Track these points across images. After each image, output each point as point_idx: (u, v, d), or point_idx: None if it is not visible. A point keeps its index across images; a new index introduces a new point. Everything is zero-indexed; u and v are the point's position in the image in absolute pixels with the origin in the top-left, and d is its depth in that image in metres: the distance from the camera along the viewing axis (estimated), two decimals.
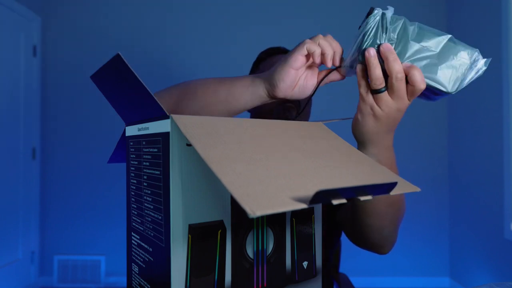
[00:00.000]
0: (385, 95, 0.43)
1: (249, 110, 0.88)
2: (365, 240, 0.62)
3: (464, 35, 2.38)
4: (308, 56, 0.47)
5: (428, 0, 2.58)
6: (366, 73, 0.44)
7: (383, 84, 0.42)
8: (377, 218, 0.55)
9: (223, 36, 2.58)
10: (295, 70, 0.48)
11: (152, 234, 0.32)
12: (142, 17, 2.58)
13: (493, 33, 2.09)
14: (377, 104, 0.44)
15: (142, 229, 0.34)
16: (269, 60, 0.82)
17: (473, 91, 2.29)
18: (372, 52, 0.41)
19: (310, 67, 0.50)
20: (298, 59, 0.47)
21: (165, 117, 0.30)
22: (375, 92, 0.43)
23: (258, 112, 0.82)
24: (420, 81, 0.40)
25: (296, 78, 0.49)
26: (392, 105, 0.43)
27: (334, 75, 0.49)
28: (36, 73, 2.52)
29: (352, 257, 2.54)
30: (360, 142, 0.49)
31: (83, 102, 2.57)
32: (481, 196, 2.19)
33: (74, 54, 2.58)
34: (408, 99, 0.43)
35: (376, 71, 0.41)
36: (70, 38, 2.58)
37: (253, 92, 0.52)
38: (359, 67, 0.44)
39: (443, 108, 2.58)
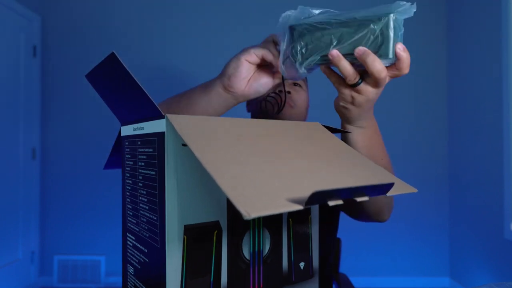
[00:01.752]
0: (363, 85, 0.43)
1: (248, 110, 0.87)
2: (363, 211, 0.63)
3: (464, 35, 2.37)
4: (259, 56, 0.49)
5: (428, 0, 2.58)
6: (330, 69, 0.45)
7: (358, 77, 0.42)
8: None
9: (223, 36, 2.58)
10: (247, 62, 0.49)
11: (147, 235, 0.31)
12: (142, 17, 2.58)
13: (493, 33, 2.09)
14: (357, 93, 0.44)
15: (137, 230, 0.33)
16: None
17: (473, 91, 2.28)
18: (335, 53, 0.40)
19: (263, 67, 0.52)
20: (250, 54, 0.48)
21: (161, 117, 0.30)
22: (352, 85, 0.43)
23: (256, 111, 0.82)
24: (406, 67, 0.41)
25: (249, 71, 0.50)
26: (372, 91, 0.44)
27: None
28: (36, 73, 2.52)
29: (352, 257, 2.54)
30: (346, 121, 0.50)
31: (83, 102, 2.57)
32: (481, 196, 2.19)
33: (74, 54, 2.58)
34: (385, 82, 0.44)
35: (348, 69, 0.41)
36: (70, 38, 2.58)
37: (225, 98, 0.53)
38: (322, 67, 0.44)
39: (443, 108, 2.58)
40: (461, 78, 2.41)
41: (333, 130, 0.47)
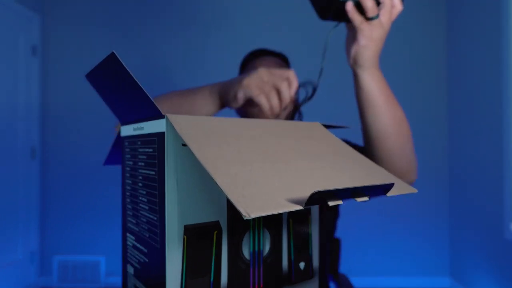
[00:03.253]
0: (378, 20, 0.51)
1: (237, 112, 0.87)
2: (391, 168, 0.62)
3: (464, 35, 2.37)
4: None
5: (428, 0, 2.58)
6: (355, 8, 0.52)
7: (377, 11, 0.50)
8: (392, 138, 0.59)
9: (222, 36, 2.58)
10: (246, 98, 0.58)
11: (147, 235, 0.31)
12: (142, 17, 2.58)
13: (493, 33, 2.09)
14: (375, 27, 0.51)
15: (137, 230, 0.34)
16: (254, 62, 0.84)
17: (473, 91, 2.28)
18: None
19: None
20: (251, 96, 0.56)
21: (160, 116, 0.30)
22: (371, 19, 0.51)
23: (242, 110, 0.81)
24: (400, 2, 0.52)
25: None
26: (385, 25, 0.52)
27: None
28: (35, 73, 2.52)
29: (352, 257, 2.54)
30: (365, 68, 0.55)
31: (83, 102, 2.57)
32: (481, 196, 2.19)
33: (74, 54, 2.58)
34: (392, 19, 0.53)
35: (369, 2, 0.49)
36: (70, 38, 2.58)
37: (212, 103, 0.62)
38: (350, 5, 0.51)
39: (443, 108, 2.58)
40: (461, 78, 2.41)
41: (332, 127, 0.47)
